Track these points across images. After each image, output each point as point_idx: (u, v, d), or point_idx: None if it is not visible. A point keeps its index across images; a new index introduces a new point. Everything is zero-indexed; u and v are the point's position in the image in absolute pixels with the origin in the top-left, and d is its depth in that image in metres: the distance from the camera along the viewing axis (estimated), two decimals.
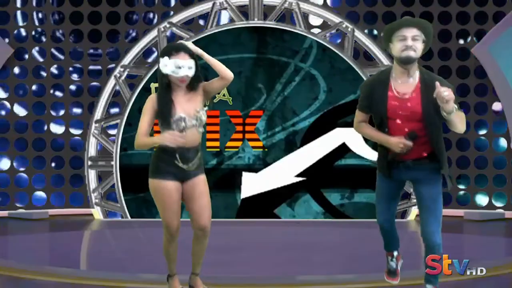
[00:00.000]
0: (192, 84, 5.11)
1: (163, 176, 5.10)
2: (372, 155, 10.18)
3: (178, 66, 4.96)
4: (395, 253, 5.50)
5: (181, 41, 5.27)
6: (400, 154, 4.85)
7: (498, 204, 10.88)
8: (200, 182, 5.16)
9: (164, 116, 5.03)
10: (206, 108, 5.11)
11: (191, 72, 5.02)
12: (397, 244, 5.46)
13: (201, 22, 11.10)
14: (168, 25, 10.63)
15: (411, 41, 4.73)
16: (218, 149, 10.50)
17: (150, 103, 5.07)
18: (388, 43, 4.86)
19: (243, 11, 10.74)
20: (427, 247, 5.01)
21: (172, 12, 11.03)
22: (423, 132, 4.82)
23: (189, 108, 5.03)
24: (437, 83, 4.61)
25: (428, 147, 4.87)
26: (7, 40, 11.01)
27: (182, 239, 5.38)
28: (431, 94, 4.66)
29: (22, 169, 11.07)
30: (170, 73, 5.00)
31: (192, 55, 5.01)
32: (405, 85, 4.83)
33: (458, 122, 4.72)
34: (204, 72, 10.67)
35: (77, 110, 11.16)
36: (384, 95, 4.82)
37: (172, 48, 5.05)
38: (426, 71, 4.90)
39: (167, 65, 4.99)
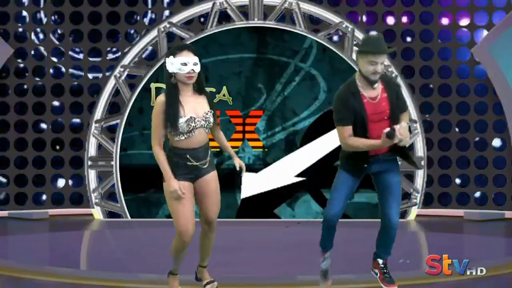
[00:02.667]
0: (199, 86, 5.27)
1: (176, 177, 5.25)
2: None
3: (184, 63, 5.11)
4: (329, 253, 5.69)
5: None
6: (372, 151, 5.39)
7: (498, 204, 10.88)
8: (213, 179, 5.34)
9: (172, 119, 5.14)
10: (212, 112, 5.30)
11: (197, 68, 5.17)
12: (332, 243, 5.70)
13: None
14: (168, 25, 10.63)
15: (380, 66, 5.30)
16: (218, 149, 10.47)
17: (159, 106, 5.18)
18: (358, 57, 5.39)
19: (243, 11, 10.74)
20: (387, 227, 5.58)
21: (167, 12, 11.03)
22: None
23: (198, 109, 5.20)
24: (397, 128, 5.14)
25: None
26: (7, 40, 11.00)
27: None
28: (393, 91, 5.40)
29: (22, 169, 11.07)
30: (177, 71, 5.14)
31: (196, 53, 5.18)
32: (372, 91, 5.39)
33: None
34: (204, 72, 10.64)
35: (77, 110, 11.15)
36: (360, 102, 5.35)
37: (176, 48, 5.23)
38: (382, 74, 5.44)
39: (173, 64, 5.14)
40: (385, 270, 5.55)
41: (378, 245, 5.65)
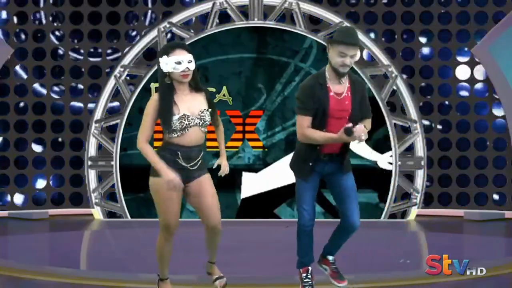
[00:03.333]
0: (196, 84, 5.20)
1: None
2: (372, 155, 10.21)
3: (178, 62, 5.06)
4: (310, 268, 5.55)
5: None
6: (325, 149, 5.34)
7: (498, 204, 10.88)
8: (206, 181, 5.25)
9: (164, 116, 5.10)
10: (210, 110, 5.19)
11: (191, 65, 5.10)
12: (312, 255, 5.55)
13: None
14: (168, 25, 10.62)
15: (349, 59, 5.20)
16: (218, 149, 10.47)
17: (152, 104, 5.14)
18: (329, 47, 5.27)
19: (243, 11, 10.74)
20: (348, 230, 5.45)
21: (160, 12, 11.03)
22: None
23: (193, 107, 5.13)
24: (357, 126, 5.13)
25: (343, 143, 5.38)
26: (7, 40, 11.01)
27: (178, 240, 5.37)
28: (359, 94, 5.32)
29: (22, 168, 11.07)
30: (172, 70, 5.09)
31: (189, 50, 5.12)
32: (339, 86, 5.31)
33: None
34: (204, 72, 10.56)
35: (77, 110, 11.15)
36: (326, 95, 5.25)
37: (168, 47, 5.17)
38: (350, 73, 5.38)
39: (167, 63, 5.09)
40: (336, 267, 5.52)
41: (333, 243, 5.57)
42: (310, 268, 5.53)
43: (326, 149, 5.34)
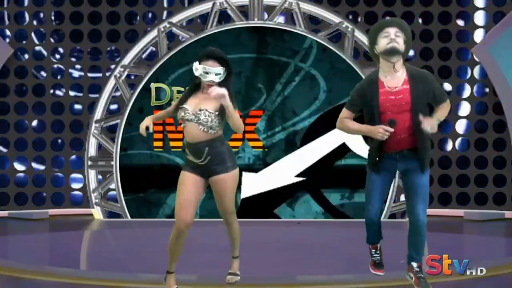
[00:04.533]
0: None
1: (185, 168, 5.49)
2: None
3: (206, 72, 5.36)
4: (379, 245, 5.68)
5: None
6: (391, 145, 5.19)
7: (498, 204, 10.88)
8: (218, 181, 5.43)
9: (178, 102, 5.52)
10: (217, 113, 5.37)
11: (217, 78, 5.38)
12: (381, 235, 5.66)
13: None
14: (168, 25, 10.63)
15: (394, 36, 5.16)
16: None
17: (180, 97, 5.58)
18: (374, 45, 5.27)
19: (243, 11, 10.74)
20: (414, 224, 5.46)
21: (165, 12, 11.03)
22: (411, 122, 5.18)
23: (200, 104, 5.39)
24: (421, 117, 5.08)
25: (415, 138, 5.21)
26: (7, 40, 11.01)
27: (188, 241, 5.38)
28: (420, 85, 5.18)
29: (22, 169, 11.08)
30: (199, 76, 5.41)
31: (222, 63, 5.37)
32: (394, 80, 5.22)
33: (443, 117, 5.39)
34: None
35: (77, 110, 11.15)
36: (375, 92, 5.18)
37: (204, 54, 5.43)
38: (412, 67, 5.30)
39: (197, 69, 5.38)
40: (421, 275, 5.41)
41: (409, 246, 5.54)
42: (379, 245, 5.67)
43: (392, 146, 5.23)
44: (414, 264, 5.46)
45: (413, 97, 5.17)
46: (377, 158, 5.28)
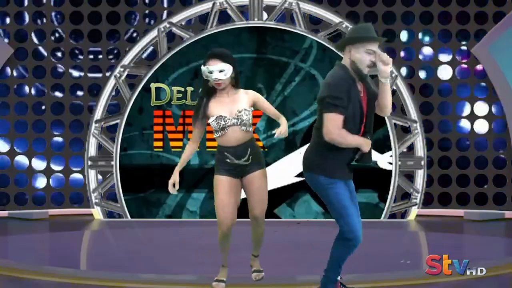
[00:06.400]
0: (236, 86, 5.49)
1: (219, 172, 5.49)
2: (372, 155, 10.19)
3: (210, 71, 5.36)
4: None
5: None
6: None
7: (498, 204, 10.88)
8: (255, 178, 5.57)
9: (198, 114, 5.44)
10: (251, 109, 5.45)
11: (222, 75, 5.37)
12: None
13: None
14: (168, 25, 10.63)
15: (373, 56, 4.81)
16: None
17: (197, 107, 5.48)
18: (352, 46, 4.86)
19: (243, 11, 10.75)
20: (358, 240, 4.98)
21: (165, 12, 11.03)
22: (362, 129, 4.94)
23: (232, 108, 5.41)
24: (377, 50, 4.77)
25: None
26: (7, 40, 11.01)
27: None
28: (371, 93, 4.89)
29: (22, 168, 11.08)
30: (207, 78, 5.41)
31: (224, 59, 5.38)
32: (359, 85, 4.93)
33: (389, 95, 4.91)
34: None
35: (77, 110, 11.15)
36: (358, 94, 4.86)
37: (207, 56, 5.45)
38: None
39: (203, 72, 5.40)
40: None
41: None
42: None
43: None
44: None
45: (368, 105, 4.94)
46: (348, 166, 5.00)
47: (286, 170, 10.46)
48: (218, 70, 5.35)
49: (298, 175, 10.37)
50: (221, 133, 5.39)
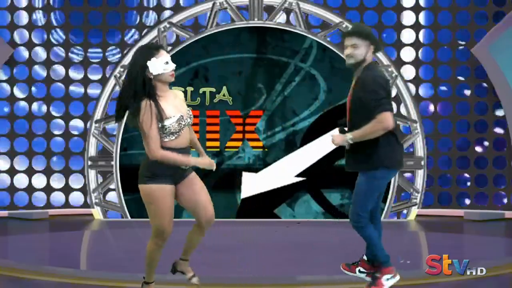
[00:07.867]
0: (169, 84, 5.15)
1: (161, 180, 5.15)
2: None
3: (166, 62, 4.98)
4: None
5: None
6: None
7: (498, 204, 10.88)
8: (196, 178, 5.20)
9: (161, 119, 4.97)
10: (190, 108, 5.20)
11: (174, 65, 5.06)
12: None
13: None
14: (168, 25, 10.63)
15: (350, 49, 5.33)
16: (218, 149, 10.50)
17: (148, 110, 4.92)
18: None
19: (243, 11, 10.75)
20: None
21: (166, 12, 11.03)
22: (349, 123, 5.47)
23: (181, 107, 5.08)
24: (332, 136, 5.53)
25: None
26: (7, 40, 11.01)
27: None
28: (359, 88, 5.37)
29: (22, 169, 11.08)
30: (162, 72, 4.98)
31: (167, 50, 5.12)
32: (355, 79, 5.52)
33: (366, 136, 5.42)
34: (204, 72, 10.57)
35: (77, 110, 11.15)
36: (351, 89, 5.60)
37: (151, 48, 5.04)
38: (369, 67, 5.40)
39: (156, 65, 4.97)
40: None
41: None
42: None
43: None
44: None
45: (352, 99, 5.49)
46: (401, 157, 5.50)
47: (286, 170, 10.46)
48: (171, 60, 5.02)
49: (298, 175, 10.37)
50: (177, 135, 5.00)
